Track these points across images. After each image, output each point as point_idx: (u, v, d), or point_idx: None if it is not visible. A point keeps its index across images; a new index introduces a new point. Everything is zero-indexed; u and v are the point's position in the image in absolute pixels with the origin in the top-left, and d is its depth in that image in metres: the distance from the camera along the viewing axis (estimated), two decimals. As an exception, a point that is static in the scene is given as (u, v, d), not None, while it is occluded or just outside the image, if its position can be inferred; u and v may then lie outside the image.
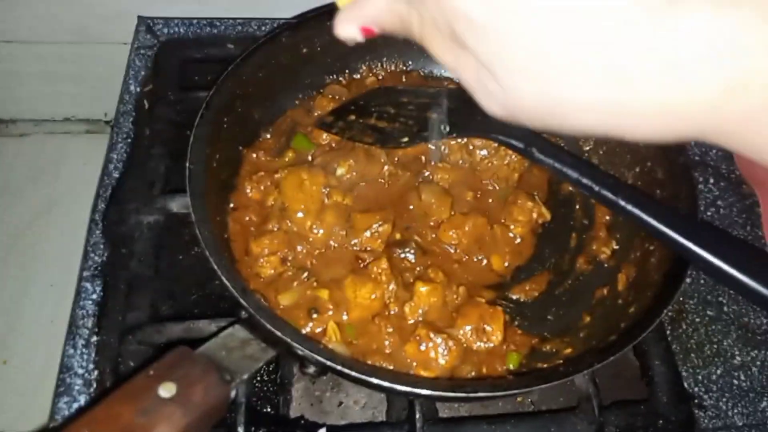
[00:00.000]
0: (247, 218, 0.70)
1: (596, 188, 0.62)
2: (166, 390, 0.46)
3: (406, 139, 0.70)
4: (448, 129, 0.68)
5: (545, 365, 0.64)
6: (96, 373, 0.65)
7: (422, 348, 0.62)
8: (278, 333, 0.53)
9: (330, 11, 0.76)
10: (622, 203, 0.60)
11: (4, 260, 1.11)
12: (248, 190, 0.71)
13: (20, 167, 1.21)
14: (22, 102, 1.22)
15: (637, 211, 0.60)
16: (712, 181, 0.87)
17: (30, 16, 1.03)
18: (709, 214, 0.85)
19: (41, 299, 1.08)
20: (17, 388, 1.01)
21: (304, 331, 0.63)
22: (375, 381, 0.52)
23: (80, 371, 0.65)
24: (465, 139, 0.75)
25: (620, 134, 0.36)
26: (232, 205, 0.71)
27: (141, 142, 0.81)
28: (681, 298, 0.78)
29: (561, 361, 0.63)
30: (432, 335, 0.62)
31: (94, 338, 0.67)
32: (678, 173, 0.68)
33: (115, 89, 0.92)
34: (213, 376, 0.48)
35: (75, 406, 0.64)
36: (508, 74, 0.35)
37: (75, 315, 0.68)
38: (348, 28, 0.43)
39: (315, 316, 0.64)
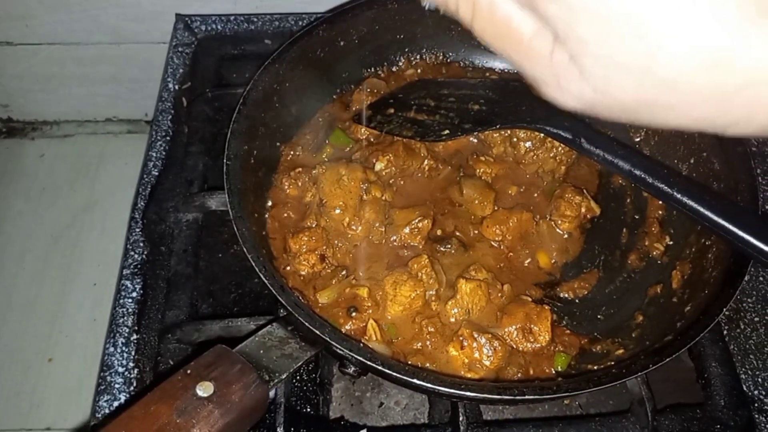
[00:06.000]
0: (285, 215, 0.69)
1: (650, 180, 0.59)
2: (204, 389, 0.45)
3: (446, 132, 0.68)
4: (491, 120, 0.66)
5: (595, 367, 0.61)
6: (136, 371, 0.65)
7: (466, 348, 0.60)
8: (317, 331, 0.52)
9: (368, 2, 0.75)
10: (678, 195, 0.57)
11: (47, 259, 1.13)
12: (286, 187, 0.70)
13: (63, 168, 1.23)
14: (65, 103, 1.24)
15: (694, 204, 0.57)
16: (771, 172, 0.83)
17: (69, 18, 1.05)
18: (768, 207, 0.80)
19: (83, 298, 1.09)
20: (61, 385, 1.02)
21: (344, 330, 0.61)
22: (417, 382, 0.50)
23: (120, 369, 0.65)
24: (508, 131, 0.73)
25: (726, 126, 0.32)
26: (270, 203, 0.70)
27: (179, 139, 0.81)
28: (738, 296, 0.74)
29: (612, 363, 0.60)
30: (476, 335, 0.60)
31: (134, 336, 0.67)
32: (736, 164, 0.64)
33: (154, 89, 0.93)
34: (251, 376, 0.47)
35: (116, 404, 0.63)
36: (600, 60, 0.31)
37: (115, 313, 0.68)
38: None
39: (354, 314, 0.62)
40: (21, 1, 1.00)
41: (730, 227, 0.55)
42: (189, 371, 0.46)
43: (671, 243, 0.69)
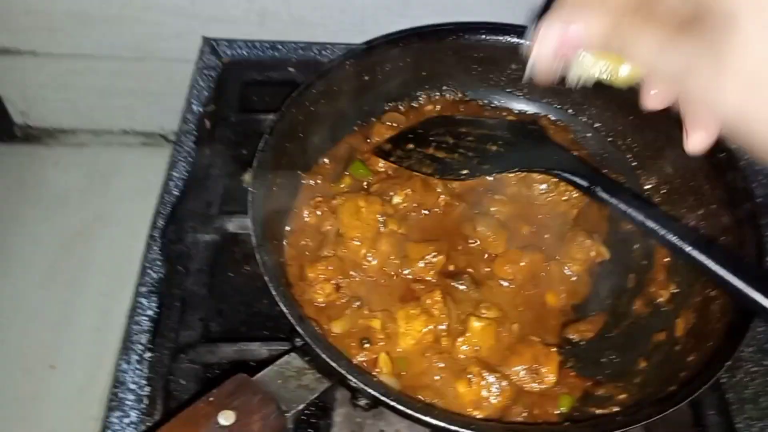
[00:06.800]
0: (303, 243, 0.71)
1: (662, 232, 0.61)
2: (226, 418, 0.46)
3: (465, 172, 0.70)
4: (509, 164, 0.68)
5: (598, 410, 0.62)
6: (148, 389, 0.66)
7: (474, 386, 0.61)
8: (334, 364, 0.53)
9: (397, 39, 0.77)
10: (688, 249, 0.59)
11: (56, 267, 1.14)
12: (305, 215, 0.72)
13: (76, 176, 1.24)
14: (83, 113, 1.25)
15: (703, 259, 0.58)
16: (776, 227, 0.84)
17: (95, 33, 1.07)
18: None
19: (90, 307, 1.10)
20: (64, 393, 1.03)
21: (355, 361, 0.62)
22: (429, 420, 0.52)
23: (133, 387, 0.66)
24: (524, 173, 0.74)
25: None
26: (288, 229, 0.71)
27: (201, 161, 0.82)
28: (738, 346, 0.75)
29: (615, 407, 0.61)
30: (485, 373, 0.61)
31: (148, 354, 0.68)
32: (744, 219, 0.66)
33: (172, 104, 0.94)
34: (271, 407, 0.48)
35: (126, 421, 0.64)
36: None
37: (130, 330, 0.69)
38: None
39: (367, 346, 0.64)
40: (51, 14, 1.02)
41: (737, 283, 0.57)
42: (211, 399, 0.47)
43: (677, 291, 0.70)
